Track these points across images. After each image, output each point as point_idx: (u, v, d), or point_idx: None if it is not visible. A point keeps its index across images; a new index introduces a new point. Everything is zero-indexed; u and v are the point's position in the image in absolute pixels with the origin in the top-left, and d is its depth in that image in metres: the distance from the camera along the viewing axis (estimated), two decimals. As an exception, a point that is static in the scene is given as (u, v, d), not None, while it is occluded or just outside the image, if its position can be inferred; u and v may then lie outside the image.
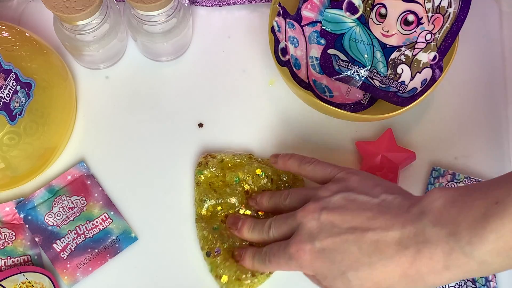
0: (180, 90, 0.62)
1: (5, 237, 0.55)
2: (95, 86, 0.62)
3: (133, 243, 0.56)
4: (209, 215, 0.55)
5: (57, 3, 0.52)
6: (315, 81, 0.61)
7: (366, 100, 0.60)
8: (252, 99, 0.62)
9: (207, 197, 0.55)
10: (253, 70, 0.63)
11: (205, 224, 0.55)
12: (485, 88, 0.62)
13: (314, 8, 0.59)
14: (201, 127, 0.61)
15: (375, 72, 0.58)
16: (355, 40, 0.59)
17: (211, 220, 0.55)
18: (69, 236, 0.55)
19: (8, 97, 0.49)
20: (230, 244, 0.53)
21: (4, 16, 0.64)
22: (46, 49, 0.57)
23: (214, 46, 0.64)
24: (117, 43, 0.60)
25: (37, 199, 0.57)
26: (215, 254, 0.53)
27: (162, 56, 0.62)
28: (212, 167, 0.56)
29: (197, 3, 0.64)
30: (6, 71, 0.49)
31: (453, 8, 0.53)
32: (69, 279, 0.54)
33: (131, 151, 0.60)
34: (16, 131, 0.51)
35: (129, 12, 0.57)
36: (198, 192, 0.56)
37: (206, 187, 0.56)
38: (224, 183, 0.56)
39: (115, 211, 0.57)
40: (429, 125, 0.60)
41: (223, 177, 0.56)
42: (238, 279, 0.52)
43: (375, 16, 0.57)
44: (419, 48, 0.56)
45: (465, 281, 0.53)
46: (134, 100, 0.62)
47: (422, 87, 0.56)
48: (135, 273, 0.56)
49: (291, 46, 0.60)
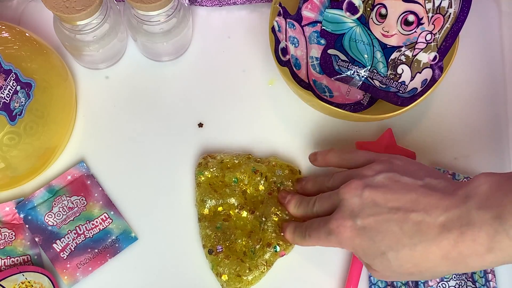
0: (180, 90, 0.62)
1: (5, 237, 0.55)
2: (95, 86, 0.62)
3: (133, 243, 0.56)
4: (212, 215, 0.55)
5: (57, 3, 0.52)
6: (315, 81, 0.61)
7: (366, 100, 0.60)
8: (252, 99, 0.62)
9: (208, 197, 0.55)
10: (253, 70, 0.63)
11: (208, 223, 0.55)
12: (485, 88, 0.62)
13: (314, 8, 0.59)
14: (201, 127, 0.61)
15: (375, 72, 0.58)
16: (355, 40, 0.59)
17: (214, 219, 0.55)
18: (69, 236, 0.55)
19: (8, 97, 0.49)
20: (232, 242, 0.54)
21: (4, 16, 0.64)
22: (46, 49, 0.57)
23: (214, 46, 0.64)
24: (117, 43, 0.60)
25: (37, 199, 0.57)
26: (217, 251, 0.53)
27: (162, 56, 0.62)
28: (212, 168, 0.56)
29: (197, 3, 0.64)
30: (6, 71, 0.49)
31: (453, 8, 0.53)
32: (69, 279, 0.54)
33: (131, 151, 0.60)
34: (16, 131, 0.51)
35: (129, 12, 0.57)
36: (199, 192, 0.56)
37: (207, 187, 0.56)
38: (223, 183, 0.56)
39: (115, 211, 0.57)
40: (429, 125, 0.60)
41: (222, 177, 0.56)
42: (238, 275, 0.52)
43: (375, 16, 0.57)
44: (419, 49, 0.56)
45: (465, 281, 0.53)
46: (134, 100, 0.62)
47: (422, 87, 0.56)
48: (135, 273, 0.56)
49: (291, 46, 0.60)
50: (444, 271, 0.43)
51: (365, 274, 0.55)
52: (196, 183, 0.57)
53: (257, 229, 0.54)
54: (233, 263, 0.53)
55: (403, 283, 0.55)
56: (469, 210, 0.41)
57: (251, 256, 0.53)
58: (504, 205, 0.39)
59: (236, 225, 0.55)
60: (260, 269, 0.53)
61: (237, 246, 0.54)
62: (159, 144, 0.60)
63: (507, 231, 0.39)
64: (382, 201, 0.45)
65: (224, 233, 0.54)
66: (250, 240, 0.54)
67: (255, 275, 0.53)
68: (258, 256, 0.53)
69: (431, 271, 0.43)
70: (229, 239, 0.54)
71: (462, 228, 0.41)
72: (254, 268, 0.53)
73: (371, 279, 0.55)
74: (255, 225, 0.54)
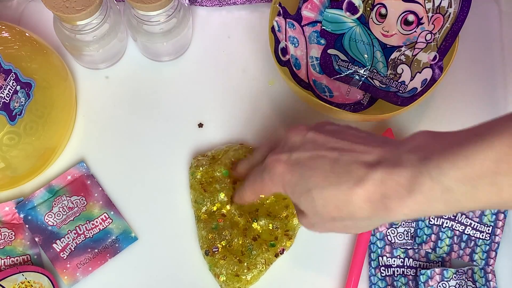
0: (180, 90, 0.62)
1: (4, 237, 0.55)
2: (95, 86, 0.62)
3: (133, 243, 0.56)
4: (207, 216, 0.55)
5: (57, 3, 0.52)
6: (315, 81, 0.61)
7: (366, 100, 0.60)
8: (252, 99, 0.62)
9: (200, 198, 0.55)
10: (253, 70, 0.63)
11: (204, 225, 0.55)
12: (485, 88, 0.62)
13: (314, 8, 0.59)
14: (201, 127, 0.61)
15: (375, 72, 0.58)
16: (355, 40, 0.59)
17: (209, 220, 0.55)
18: (69, 236, 0.55)
19: (8, 97, 0.49)
20: (229, 241, 0.54)
21: (4, 16, 0.64)
22: (46, 49, 0.57)
23: (214, 46, 0.64)
24: (117, 43, 0.60)
25: (37, 199, 0.57)
26: (213, 252, 0.53)
27: (162, 56, 0.62)
28: (202, 166, 0.56)
29: (197, 3, 0.64)
30: (6, 71, 0.49)
31: (453, 8, 0.53)
32: (69, 279, 0.54)
33: (131, 151, 0.60)
34: (16, 131, 0.51)
35: (129, 12, 0.57)
36: (193, 194, 0.56)
37: (198, 188, 0.56)
38: (213, 179, 0.56)
39: (115, 211, 0.57)
40: (429, 125, 0.60)
41: (212, 172, 0.56)
42: (236, 275, 0.52)
43: (375, 16, 0.57)
44: (419, 48, 0.56)
45: (465, 281, 0.53)
46: (134, 100, 0.62)
47: (422, 87, 0.56)
48: (135, 273, 0.56)
49: (291, 46, 0.60)
50: (365, 218, 0.42)
51: (365, 274, 0.55)
52: (190, 185, 0.57)
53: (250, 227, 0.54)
54: (230, 263, 0.53)
55: (403, 283, 0.55)
56: (400, 153, 0.40)
57: (249, 255, 0.53)
58: (433, 149, 0.38)
59: (231, 224, 0.55)
60: (258, 268, 0.53)
61: (234, 246, 0.54)
62: (159, 144, 0.60)
63: (430, 172, 0.37)
64: (323, 141, 0.44)
65: (220, 233, 0.54)
66: (246, 238, 0.54)
67: (254, 274, 0.53)
68: (257, 255, 0.53)
69: (354, 216, 0.42)
70: (224, 239, 0.54)
71: (388, 169, 0.39)
72: (253, 267, 0.53)
73: (371, 279, 0.55)
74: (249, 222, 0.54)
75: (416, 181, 0.38)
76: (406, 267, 0.55)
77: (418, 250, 0.56)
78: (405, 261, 0.55)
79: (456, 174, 0.36)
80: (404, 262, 0.55)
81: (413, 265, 0.55)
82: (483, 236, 0.55)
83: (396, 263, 0.55)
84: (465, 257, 0.55)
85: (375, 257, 0.55)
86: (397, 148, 0.41)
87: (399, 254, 0.55)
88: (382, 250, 0.55)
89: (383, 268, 0.55)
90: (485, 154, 0.35)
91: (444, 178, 0.37)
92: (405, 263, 0.55)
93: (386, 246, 0.55)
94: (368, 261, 0.56)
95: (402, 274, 0.55)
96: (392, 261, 0.55)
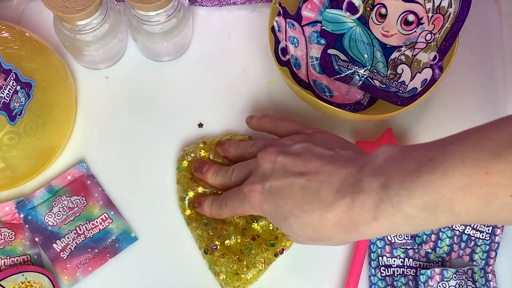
0: (180, 90, 0.62)
1: (4, 237, 0.55)
2: (95, 86, 0.62)
3: (133, 243, 0.56)
4: (195, 213, 0.55)
5: (57, 3, 0.52)
6: (315, 81, 0.61)
7: (366, 100, 0.60)
8: (252, 99, 0.62)
9: (184, 192, 0.55)
10: (253, 70, 0.63)
11: (196, 224, 0.55)
12: (485, 88, 0.62)
13: (314, 8, 0.59)
14: (201, 127, 0.61)
15: (375, 72, 0.58)
16: (355, 40, 0.59)
17: (198, 217, 0.55)
18: (69, 236, 0.55)
19: (8, 97, 0.49)
20: (225, 237, 0.54)
21: (4, 16, 0.64)
22: (46, 49, 0.57)
23: (214, 46, 0.64)
24: (117, 43, 0.60)
25: (37, 199, 0.57)
26: (212, 250, 0.53)
27: (162, 56, 0.62)
28: (189, 155, 0.56)
29: (197, 3, 0.64)
30: (6, 71, 0.49)
31: (453, 8, 0.53)
32: (69, 279, 0.54)
33: (131, 151, 0.60)
34: (16, 131, 0.51)
35: (129, 12, 0.57)
36: (178, 190, 0.56)
37: (184, 180, 0.56)
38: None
39: (115, 211, 0.57)
40: (429, 125, 0.60)
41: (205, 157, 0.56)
42: (236, 274, 0.52)
43: (375, 16, 0.57)
44: (419, 48, 0.56)
45: (465, 281, 0.53)
46: (134, 100, 0.62)
47: (422, 87, 0.56)
48: (135, 273, 0.56)
49: (291, 46, 0.60)
50: (341, 239, 0.44)
51: (365, 274, 0.55)
52: (176, 181, 0.57)
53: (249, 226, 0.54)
54: (230, 261, 0.53)
55: (403, 283, 0.55)
56: (362, 177, 0.41)
57: (248, 254, 0.53)
58: (392, 175, 0.39)
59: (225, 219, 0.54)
60: (258, 267, 0.53)
61: (232, 244, 0.54)
62: (159, 144, 0.60)
63: (391, 200, 0.39)
64: (291, 166, 0.46)
65: (215, 228, 0.54)
66: (245, 237, 0.54)
67: (253, 273, 0.53)
68: (256, 254, 0.53)
69: (330, 238, 0.44)
70: (221, 235, 0.54)
71: (353, 195, 0.41)
72: (252, 266, 0.53)
73: (371, 279, 0.55)
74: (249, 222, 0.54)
75: (379, 207, 0.40)
76: (406, 267, 0.55)
77: (418, 250, 0.56)
78: (405, 261, 0.55)
79: (415, 202, 0.38)
80: (404, 262, 0.55)
81: (413, 265, 0.55)
82: (483, 236, 0.55)
83: (396, 263, 0.55)
84: (465, 257, 0.55)
85: (375, 257, 0.55)
86: (360, 171, 0.42)
87: (399, 254, 0.56)
88: (382, 250, 0.55)
89: (383, 268, 0.55)
90: (440, 183, 0.37)
91: (404, 206, 0.39)
92: (405, 263, 0.55)
93: (386, 246, 0.56)
94: (368, 261, 0.56)
95: (402, 274, 0.55)
96: (392, 261, 0.55)
